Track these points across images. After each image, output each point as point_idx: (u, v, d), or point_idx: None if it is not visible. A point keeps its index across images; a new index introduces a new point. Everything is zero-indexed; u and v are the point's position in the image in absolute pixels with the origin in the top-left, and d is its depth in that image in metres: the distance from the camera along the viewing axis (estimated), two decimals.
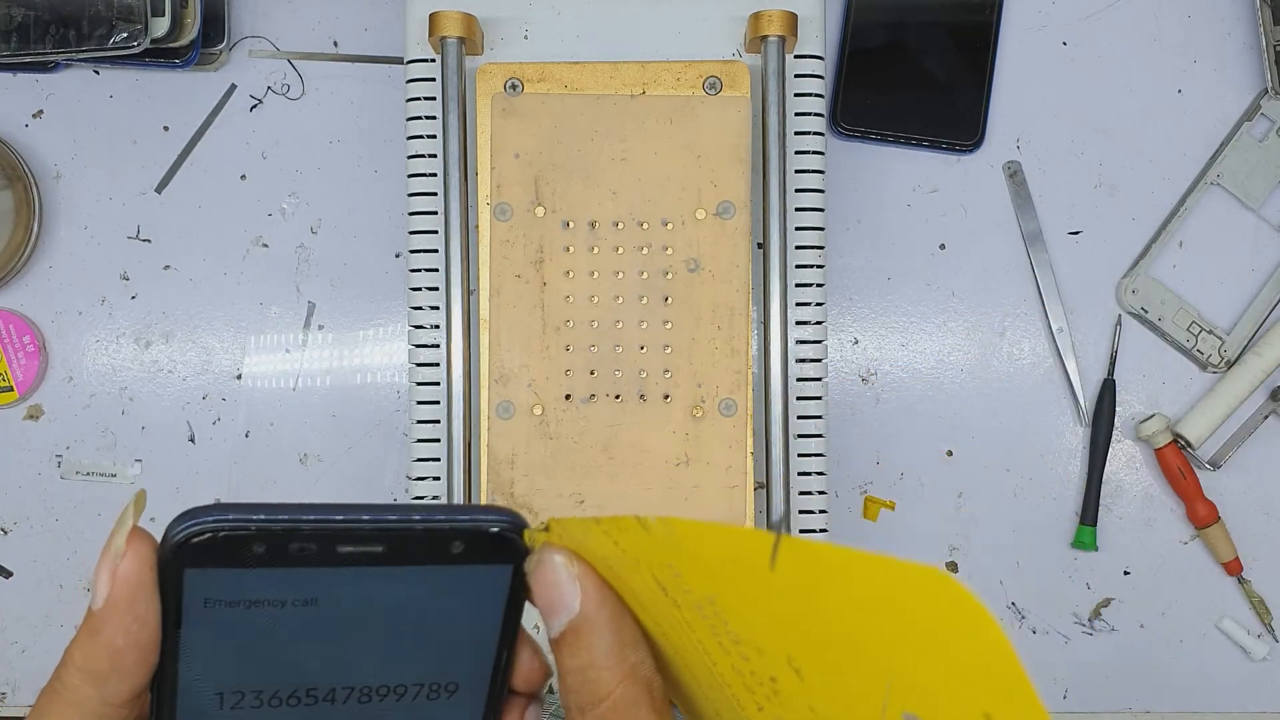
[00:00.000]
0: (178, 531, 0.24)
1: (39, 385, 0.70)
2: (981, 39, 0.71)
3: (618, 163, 0.59)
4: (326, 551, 0.25)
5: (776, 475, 0.57)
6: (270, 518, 0.24)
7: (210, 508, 0.24)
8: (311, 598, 0.25)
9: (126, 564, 0.24)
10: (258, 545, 0.24)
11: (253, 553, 0.24)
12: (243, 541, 0.24)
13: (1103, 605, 0.71)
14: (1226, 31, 0.72)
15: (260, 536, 0.24)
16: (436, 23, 0.58)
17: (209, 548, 0.24)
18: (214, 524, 0.24)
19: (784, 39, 0.58)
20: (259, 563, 0.24)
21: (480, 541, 0.26)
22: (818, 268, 0.60)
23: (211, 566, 0.24)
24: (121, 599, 0.24)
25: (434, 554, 0.25)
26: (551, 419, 0.59)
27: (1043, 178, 0.72)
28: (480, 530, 0.26)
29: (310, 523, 0.25)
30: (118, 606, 0.24)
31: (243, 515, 0.24)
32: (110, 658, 0.24)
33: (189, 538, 0.24)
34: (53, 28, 0.66)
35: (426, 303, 0.60)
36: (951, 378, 0.72)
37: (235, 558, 0.24)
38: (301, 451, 0.71)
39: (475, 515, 0.26)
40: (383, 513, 0.25)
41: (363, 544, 0.25)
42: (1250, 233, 0.72)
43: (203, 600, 0.25)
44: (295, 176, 0.71)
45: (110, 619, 0.24)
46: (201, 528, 0.24)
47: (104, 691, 0.25)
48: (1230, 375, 0.70)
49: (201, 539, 0.24)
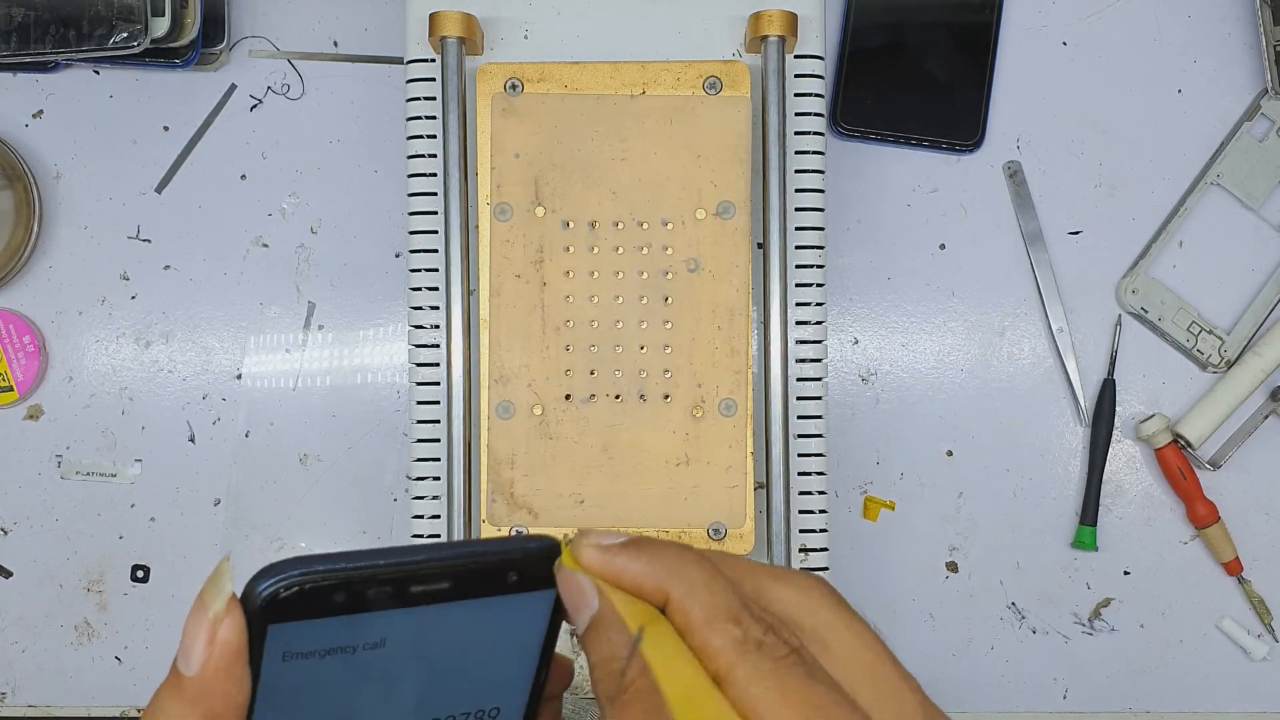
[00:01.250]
0: (264, 588, 0.25)
1: (39, 385, 0.70)
2: (981, 39, 0.71)
3: (618, 163, 0.59)
4: (401, 593, 0.26)
5: (776, 475, 0.57)
6: (352, 565, 0.25)
7: (293, 561, 0.25)
8: (381, 639, 0.26)
9: (226, 629, 0.24)
10: (339, 594, 0.25)
11: (333, 601, 0.25)
12: (326, 592, 0.25)
13: (1103, 605, 0.71)
14: (1226, 31, 0.72)
15: (342, 585, 0.25)
16: (436, 23, 0.58)
17: (293, 602, 0.25)
18: (300, 577, 0.25)
19: (784, 39, 0.58)
20: (338, 610, 0.25)
21: (532, 569, 0.27)
22: (818, 268, 0.60)
23: (293, 620, 0.25)
24: (223, 666, 0.24)
25: (493, 585, 0.26)
26: (551, 419, 0.59)
27: (1043, 178, 0.72)
28: (533, 558, 0.27)
29: (387, 567, 0.25)
30: (219, 674, 0.24)
31: (328, 566, 0.25)
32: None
33: (275, 594, 0.25)
34: (53, 28, 0.66)
35: (426, 303, 0.60)
36: (951, 378, 0.72)
37: (317, 608, 0.25)
38: (301, 451, 0.71)
39: (522, 544, 0.27)
40: (443, 550, 0.26)
41: (433, 582, 0.26)
42: (1250, 233, 0.72)
43: (281, 654, 0.25)
44: (295, 176, 0.71)
45: (213, 686, 0.24)
46: (290, 582, 0.25)
47: None
48: (1230, 375, 0.70)
49: (289, 593, 0.25)
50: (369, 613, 0.25)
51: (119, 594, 0.70)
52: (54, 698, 0.70)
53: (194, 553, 0.70)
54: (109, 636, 0.70)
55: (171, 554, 0.70)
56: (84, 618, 0.70)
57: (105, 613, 0.70)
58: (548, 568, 0.27)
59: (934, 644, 0.71)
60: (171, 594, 0.70)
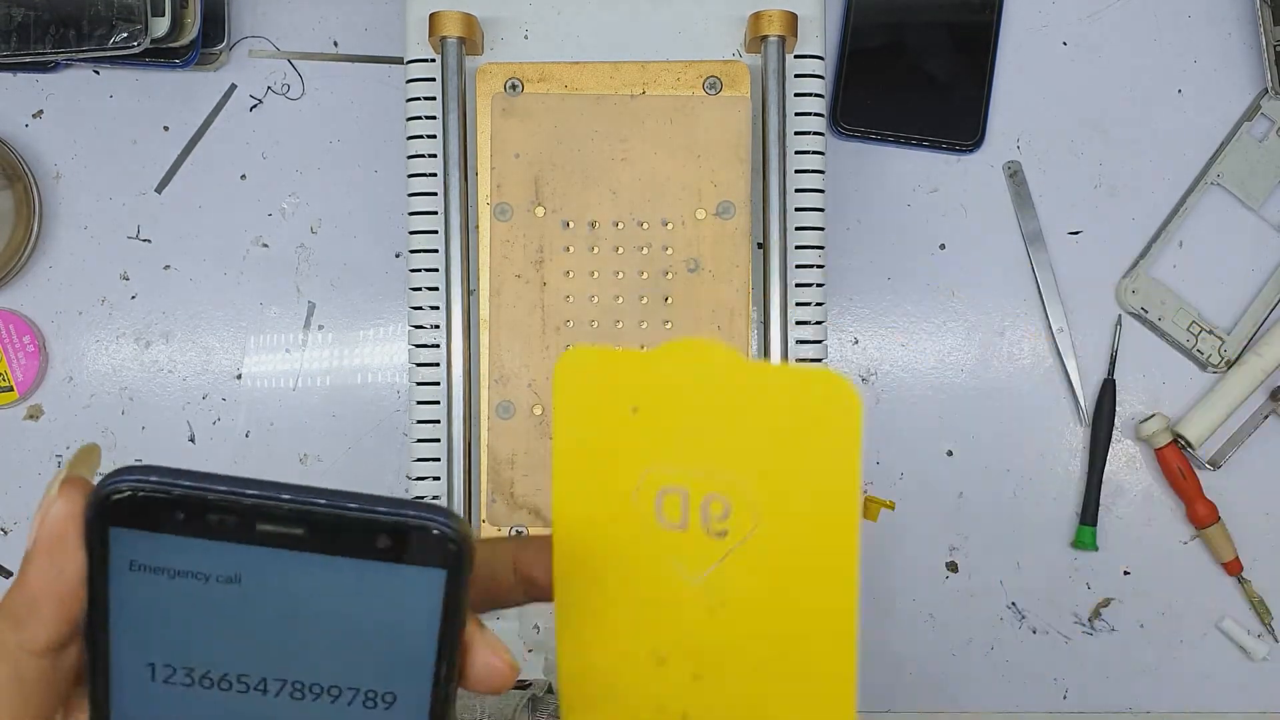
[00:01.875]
0: (101, 488, 0.24)
1: (39, 385, 0.70)
2: (981, 39, 0.71)
3: (618, 163, 0.59)
4: (246, 527, 0.24)
5: None
6: (189, 485, 0.24)
7: (137, 468, 0.24)
8: (235, 575, 0.25)
9: (54, 511, 0.25)
10: (177, 511, 0.24)
11: (172, 519, 0.24)
12: (162, 505, 0.24)
13: (1103, 605, 0.71)
14: (1226, 31, 0.72)
15: (178, 502, 0.24)
16: (436, 23, 0.58)
17: (131, 507, 0.24)
18: (134, 483, 0.24)
19: (784, 39, 0.58)
20: (178, 530, 0.24)
21: (407, 540, 0.25)
22: (818, 268, 0.60)
23: (134, 528, 0.24)
24: (43, 546, 0.25)
25: (358, 547, 0.25)
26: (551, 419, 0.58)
27: (1043, 178, 0.72)
28: (403, 527, 0.25)
29: (223, 494, 0.24)
30: (40, 551, 0.25)
31: (163, 479, 0.24)
32: (27, 603, 0.25)
33: (110, 494, 0.24)
34: (53, 28, 0.66)
35: (426, 303, 0.60)
36: (951, 378, 0.72)
37: (156, 521, 0.24)
38: (301, 451, 0.71)
39: (401, 511, 0.25)
40: (309, 495, 0.25)
41: (280, 524, 0.24)
42: (1250, 233, 0.72)
43: (127, 562, 0.25)
44: (295, 176, 0.71)
45: (33, 562, 0.25)
46: (122, 486, 0.24)
47: (19, 636, 0.25)
48: (1230, 375, 0.70)
49: (122, 497, 0.24)
50: (217, 541, 0.24)
51: None
52: None
53: None
54: None
55: None
56: None
57: None
58: (438, 545, 0.25)
59: (934, 644, 0.71)
60: None
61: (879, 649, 0.71)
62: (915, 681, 0.71)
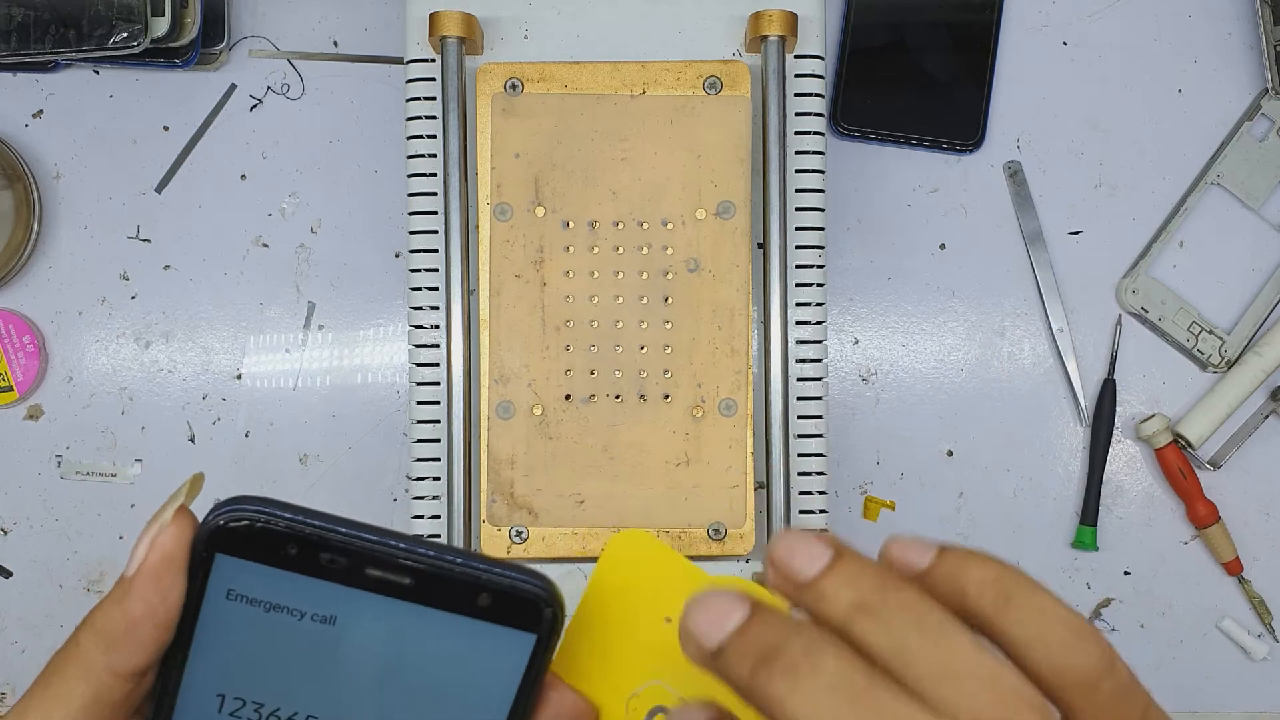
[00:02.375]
0: (217, 514, 0.25)
1: (39, 385, 0.70)
2: (981, 39, 0.71)
3: (618, 163, 0.59)
4: (355, 570, 0.25)
5: (776, 475, 0.58)
6: (308, 520, 0.25)
7: (254, 499, 0.25)
8: (330, 616, 0.25)
9: (165, 536, 0.25)
10: (290, 545, 0.24)
11: (283, 552, 0.24)
12: (276, 537, 0.24)
13: (1103, 605, 0.71)
14: (1226, 31, 0.72)
15: (294, 537, 0.24)
16: (436, 23, 0.58)
17: (243, 536, 0.24)
18: (253, 513, 0.24)
19: (784, 39, 0.58)
20: (286, 564, 0.25)
21: (508, 601, 0.25)
22: (818, 268, 0.60)
23: (241, 557, 0.25)
24: (151, 570, 0.25)
25: (460, 602, 0.25)
26: (551, 419, 0.59)
27: (1043, 178, 0.72)
28: (506, 588, 0.25)
29: (343, 535, 0.25)
30: (146, 576, 0.25)
31: (283, 512, 0.25)
32: (126, 626, 0.25)
33: (226, 522, 0.24)
34: (53, 28, 0.66)
35: (426, 303, 0.60)
36: (951, 378, 0.72)
37: (265, 553, 0.24)
38: (301, 451, 0.71)
39: (509, 572, 0.25)
40: (419, 545, 0.25)
41: (391, 571, 0.25)
42: (1250, 233, 0.72)
43: (226, 590, 0.25)
44: (295, 176, 0.71)
45: (136, 587, 0.25)
46: (240, 515, 0.24)
47: (111, 659, 0.25)
48: (1230, 375, 0.70)
49: (238, 525, 0.24)
50: (320, 580, 0.25)
51: None
52: None
53: None
54: None
55: None
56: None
57: None
58: (534, 610, 0.25)
59: None
60: None
61: None
62: None
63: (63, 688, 0.25)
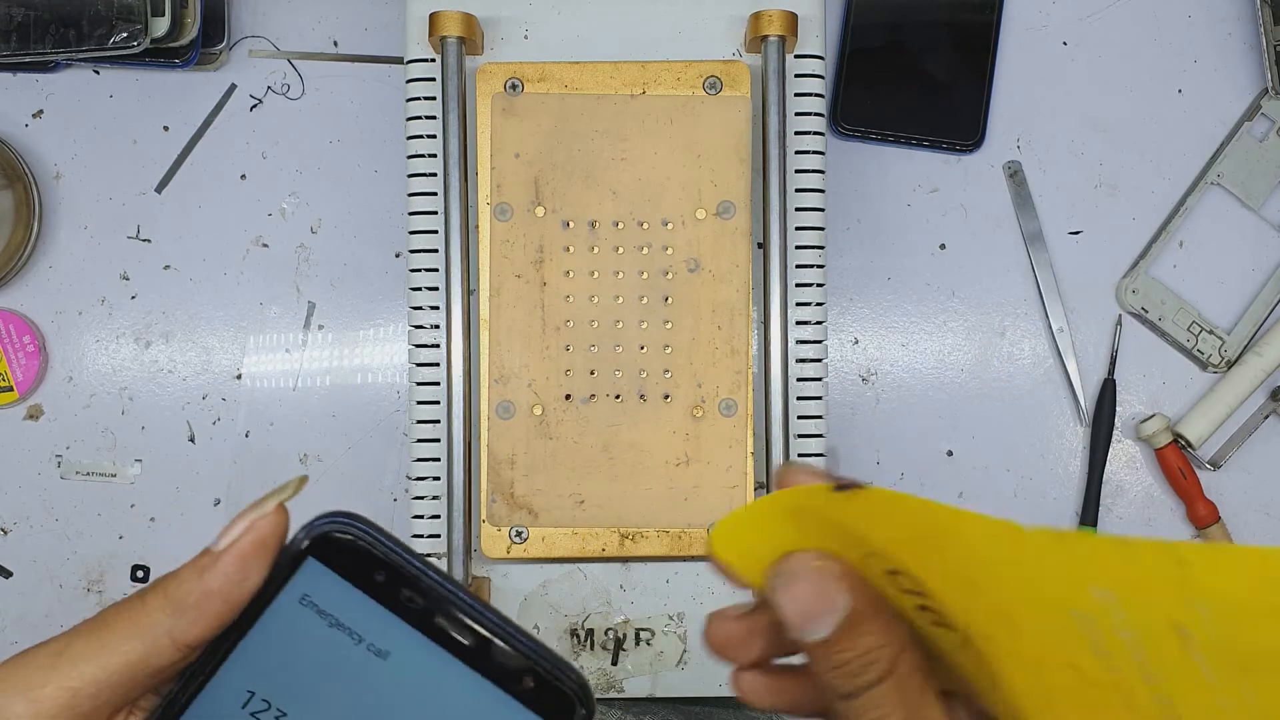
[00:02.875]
0: (324, 521, 0.25)
1: (39, 385, 0.70)
2: (981, 39, 0.71)
3: (618, 163, 0.59)
4: (425, 614, 0.25)
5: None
6: (403, 554, 0.25)
7: (361, 517, 0.26)
8: (385, 650, 0.26)
9: (265, 523, 0.25)
10: (379, 572, 0.25)
11: (370, 576, 0.25)
12: (371, 560, 0.25)
13: None
14: (1226, 31, 0.72)
15: (386, 565, 0.25)
16: (436, 22, 0.58)
17: (342, 549, 0.25)
18: (358, 531, 0.25)
19: (784, 39, 0.58)
20: (368, 588, 0.25)
21: (549, 691, 0.26)
22: (818, 268, 0.60)
23: (331, 568, 0.25)
24: (241, 550, 0.25)
25: (506, 676, 0.26)
26: (551, 419, 0.59)
27: (1043, 178, 0.72)
28: (554, 680, 0.26)
29: (429, 579, 0.25)
30: (235, 555, 0.25)
31: (383, 538, 0.25)
32: (200, 596, 0.25)
33: (332, 530, 0.25)
34: (53, 28, 0.66)
35: (426, 303, 0.60)
36: (951, 378, 0.71)
37: (354, 572, 0.25)
38: (301, 451, 0.71)
39: (558, 666, 0.26)
40: (490, 611, 0.26)
41: (457, 626, 0.26)
42: (1250, 233, 0.72)
43: (302, 594, 0.25)
44: (295, 176, 0.71)
45: (222, 562, 0.25)
46: (347, 529, 0.25)
47: (175, 623, 0.25)
48: (1230, 375, 0.70)
49: (343, 538, 0.25)
50: (390, 612, 0.25)
51: (119, 594, 0.70)
52: None
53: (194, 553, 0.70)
54: None
55: (171, 554, 0.70)
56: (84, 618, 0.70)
57: None
58: (568, 708, 0.26)
59: None
60: None
61: None
62: None
63: (114, 639, 0.25)
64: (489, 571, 0.59)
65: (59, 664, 0.25)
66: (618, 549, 0.58)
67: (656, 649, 0.60)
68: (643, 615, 0.60)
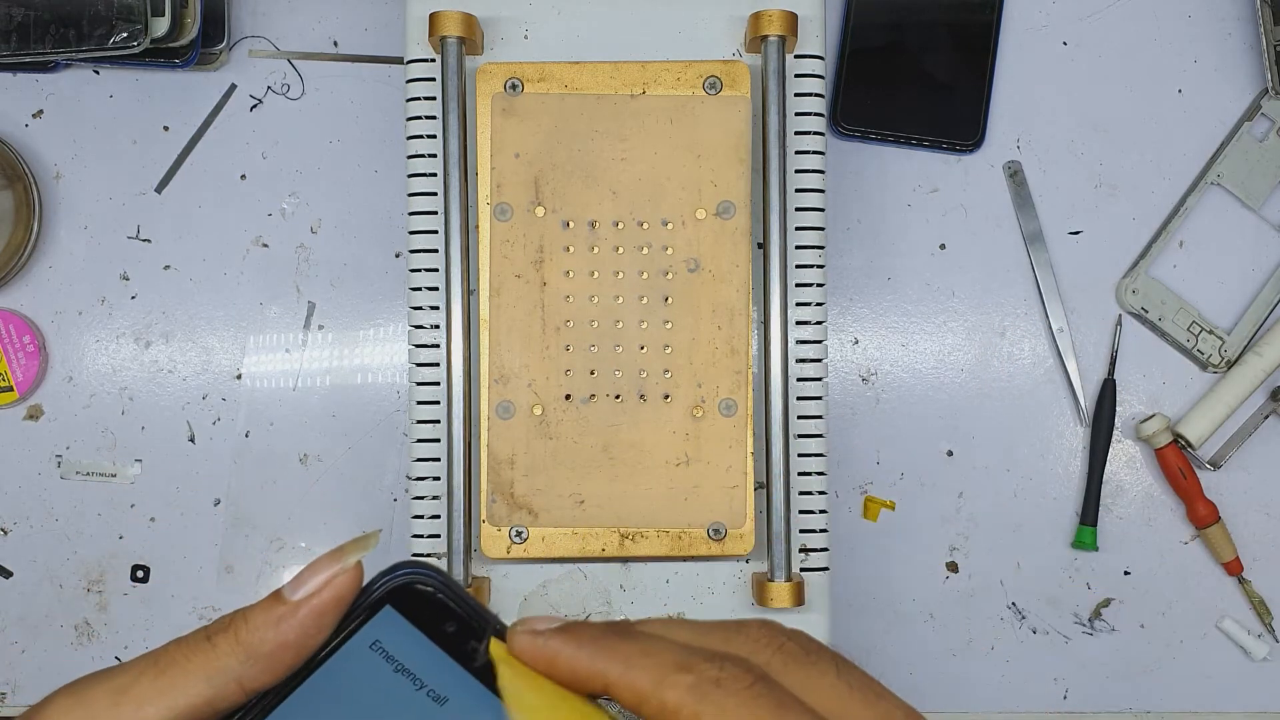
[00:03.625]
0: (403, 572, 0.26)
1: (39, 385, 0.70)
2: (981, 39, 0.71)
3: (618, 163, 0.59)
4: (486, 670, 0.26)
5: (776, 475, 0.58)
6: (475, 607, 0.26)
7: (437, 569, 0.26)
8: (444, 696, 0.26)
9: (345, 580, 0.25)
10: (451, 623, 0.26)
11: (441, 626, 0.26)
12: (445, 612, 0.26)
13: (1103, 605, 0.71)
14: (1226, 31, 0.72)
15: (459, 618, 0.26)
16: (436, 22, 0.58)
17: (418, 599, 0.26)
18: (437, 583, 0.26)
19: (784, 39, 0.58)
20: (437, 637, 0.26)
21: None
22: (818, 268, 0.60)
23: (405, 616, 0.26)
24: (321, 606, 0.25)
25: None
26: (551, 419, 0.59)
27: (1043, 178, 0.72)
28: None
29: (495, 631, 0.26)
30: (314, 611, 0.25)
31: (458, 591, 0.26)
32: (275, 647, 0.25)
33: (413, 582, 0.26)
34: (53, 28, 0.66)
35: (426, 303, 0.60)
36: (951, 378, 0.72)
37: (427, 621, 0.26)
38: (301, 451, 0.71)
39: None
40: None
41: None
42: (1250, 233, 0.72)
43: (373, 640, 0.26)
44: (295, 176, 0.71)
45: (300, 614, 0.25)
46: (427, 580, 0.26)
47: (246, 671, 0.25)
48: (1230, 375, 0.70)
49: (423, 589, 0.26)
50: (454, 661, 0.26)
51: (119, 594, 0.70)
52: None
53: (194, 553, 0.70)
54: (109, 636, 0.70)
55: (171, 554, 0.70)
56: (84, 618, 0.70)
57: (105, 613, 0.70)
58: None
59: (934, 644, 0.71)
60: (171, 594, 0.70)
61: (879, 649, 0.71)
62: (915, 681, 0.71)
63: (183, 681, 0.25)
64: (489, 571, 0.59)
65: (122, 703, 0.24)
66: (618, 549, 0.58)
67: None
68: (643, 615, 0.60)
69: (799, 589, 0.57)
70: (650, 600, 0.60)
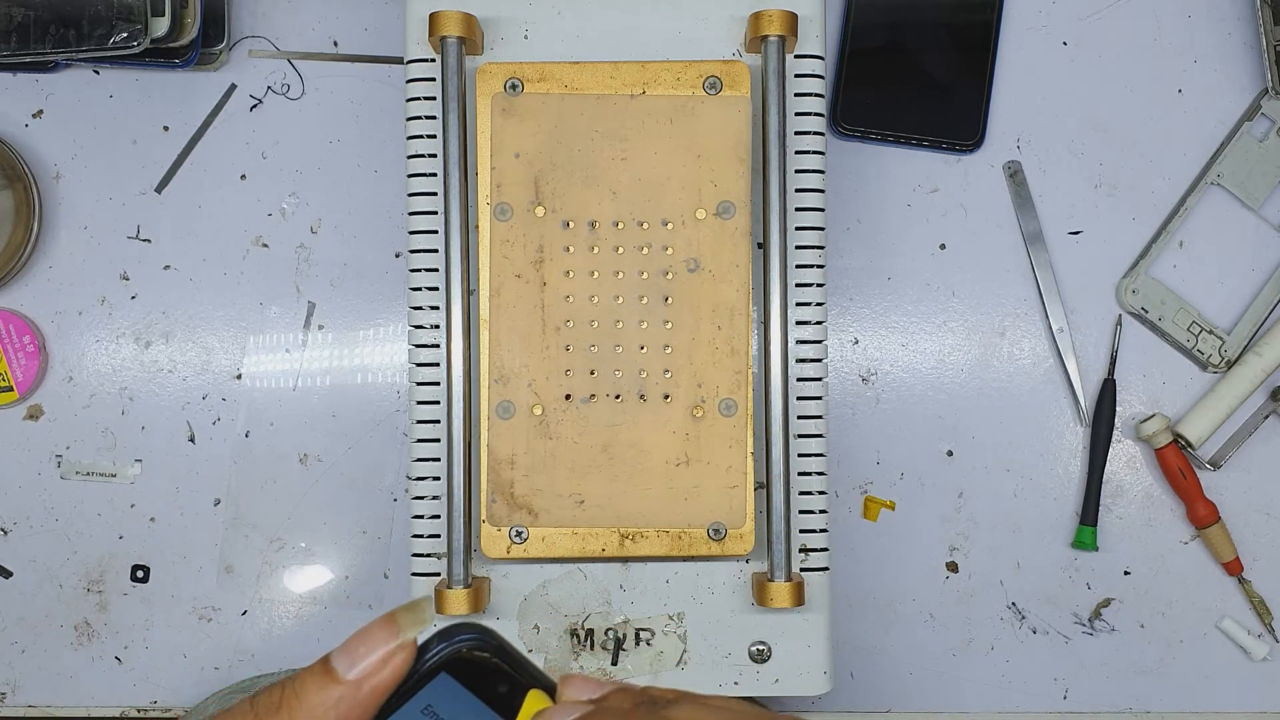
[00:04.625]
0: (461, 640, 0.26)
1: (39, 385, 0.70)
2: (981, 39, 0.71)
3: (618, 163, 0.59)
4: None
5: (776, 475, 0.58)
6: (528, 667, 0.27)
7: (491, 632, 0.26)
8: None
9: (401, 658, 0.26)
10: (503, 684, 0.26)
11: (493, 687, 0.26)
12: (497, 675, 0.26)
13: (1103, 605, 0.71)
14: (1226, 31, 0.72)
15: (510, 679, 0.26)
16: (436, 23, 0.58)
17: (473, 665, 0.26)
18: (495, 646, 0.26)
19: (784, 39, 0.58)
20: (487, 698, 0.26)
21: None
22: (818, 268, 0.60)
23: (459, 680, 0.26)
24: (381, 685, 0.25)
25: None
26: (551, 419, 0.59)
27: (1043, 178, 0.72)
28: None
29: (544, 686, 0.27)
30: (374, 690, 0.25)
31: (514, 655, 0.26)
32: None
33: (470, 649, 0.26)
34: (53, 28, 0.66)
35: (426, 303, 0.60)
36: (951, 378, 0.72)
37: (479, 683, 0.26)
38: (301, 451, 0.71)
39: None
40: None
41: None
42: (1250, 233, 0.72)
43: (426, 704, 0.26)
44: (295, 176, 0.71)
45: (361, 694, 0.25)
46: (484, 646, 0.26)
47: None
48: (1230, 375, 0.70)
49: (481, 656, 0.26)
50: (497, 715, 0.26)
51: (119, 594, 0.70)
52: (54, 698, 0.70)
53: (194, 553, 0.70)
54: (109, 636, 0.70)
55: (171, 554, 0.70)
56: (84, 618, 0.70)
57: (105, 613, 0.70)
58: None
59: (934, 644, 0.71)
60: (171, 594, 0.70)
61: (879, 649, 0.71)
62: (915, 681, 0.71)
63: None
64: (489, 571, 0.59)
65: None
66: (618, 549, 0.58)
67: (656, 649, 0.60)
68: (642, 615, 0.60)
69: (799, 589, 0.57)
70: (650, 600, 0.60)
